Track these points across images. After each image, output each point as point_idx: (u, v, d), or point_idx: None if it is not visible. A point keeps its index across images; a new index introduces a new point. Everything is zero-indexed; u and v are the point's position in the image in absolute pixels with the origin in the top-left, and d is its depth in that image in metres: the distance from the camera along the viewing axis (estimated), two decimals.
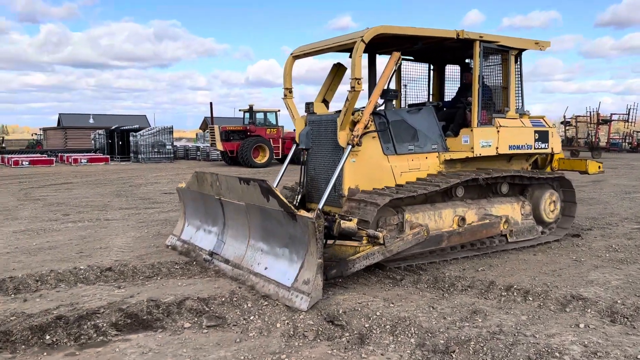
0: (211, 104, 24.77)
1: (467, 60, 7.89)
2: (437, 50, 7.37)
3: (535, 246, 6.82)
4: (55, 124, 53.76)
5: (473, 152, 6.47)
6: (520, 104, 7.20)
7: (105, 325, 4.06)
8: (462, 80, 7.93)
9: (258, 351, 3.68)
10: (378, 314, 4.34)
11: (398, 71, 7.69)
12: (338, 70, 6.83)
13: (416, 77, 7.92)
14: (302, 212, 4.57)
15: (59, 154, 29.70)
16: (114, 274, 5.52)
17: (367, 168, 5.93)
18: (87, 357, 3.60)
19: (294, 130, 7.16)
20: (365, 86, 7.17)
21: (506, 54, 6.90)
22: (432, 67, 8.06)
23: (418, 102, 7.73)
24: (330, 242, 4.97)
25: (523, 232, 6.79)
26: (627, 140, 36.10)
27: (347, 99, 5.63)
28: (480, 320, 4.24)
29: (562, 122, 33.16)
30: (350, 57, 5.71)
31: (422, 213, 5.83)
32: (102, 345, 3.78)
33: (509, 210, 6.70)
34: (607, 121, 31.96)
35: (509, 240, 6.60)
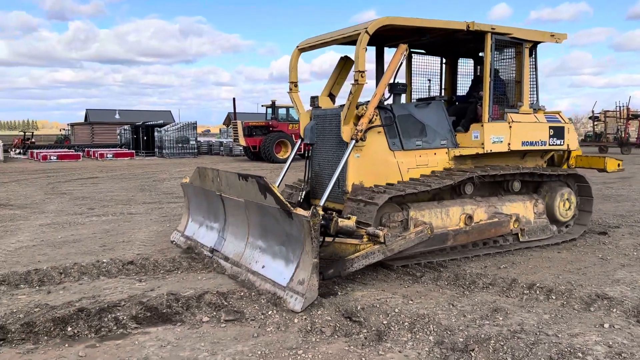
0: (234, 99, 24.95)
1: (480, 54, 7.70)
2: (449, 43, 7.19)
3: (560, 244, 6.68)
4: (82, 120, 54.79)
5: (483, 148, 6.29)
6: (535, 99, 7.01)
7: (125, 318, 4.12)
8: (475, 74, 7.76)
9: (275, 346, 3.68)
10: (397, 310, 4.30)
11: (409, 64, 7.55)
12: (345, 64, 6.71)
13: (433, 71, 7.78)
14: (298, 210, 4.46)
15: (86, 149, 30.33)
16: (135, 267, 5.60)
17: (372, 164, 5.81)
18: (107, 349, 3.65)
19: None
20: (373, 82, 7.07)
21: (520, 46, 6.71)
22: (444, 60, 7.88)
23: (432, 96, 7.59)
24: (328, 239, 4.84)
25: (536, 231, 6.59)
26: None
27: (350, 92, 5.54)
28: (501, 318, 4.17)
29: (590, 117, 32.37)
30: None
31: (428, 210, 5.68)
32: (122, 338, 3.83)
33: (521, 209, 6.51)
34: (637, 116, 31.08)
35: (520, 239, 6.43)
